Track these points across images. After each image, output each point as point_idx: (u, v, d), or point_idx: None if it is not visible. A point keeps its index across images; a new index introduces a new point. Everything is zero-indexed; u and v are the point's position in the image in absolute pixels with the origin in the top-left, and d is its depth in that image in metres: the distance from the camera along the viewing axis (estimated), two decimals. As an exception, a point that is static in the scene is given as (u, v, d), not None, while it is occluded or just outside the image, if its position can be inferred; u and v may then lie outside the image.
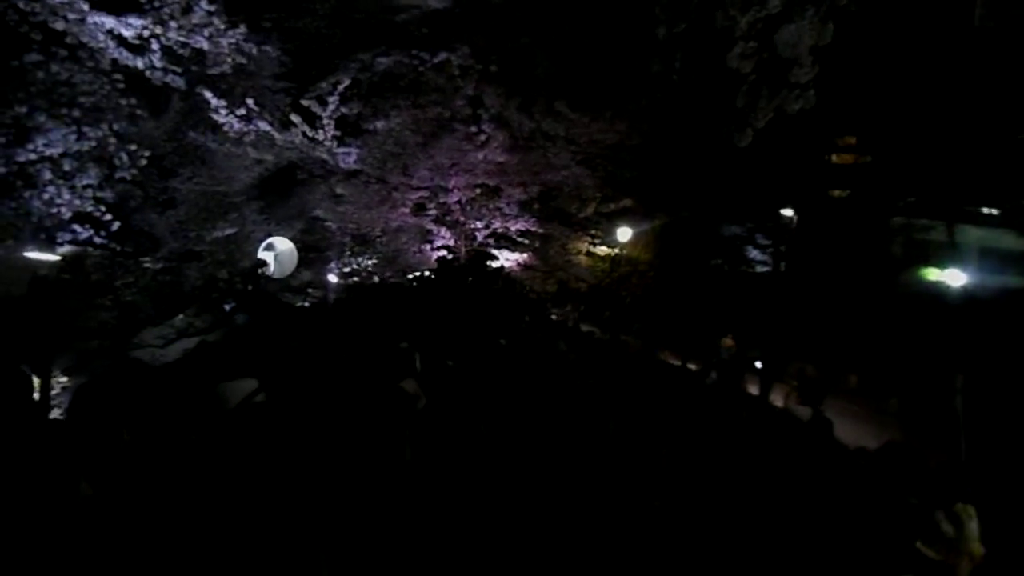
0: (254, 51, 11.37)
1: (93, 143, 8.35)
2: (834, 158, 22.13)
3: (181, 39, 7.85)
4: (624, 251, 18.10)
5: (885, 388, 16.29)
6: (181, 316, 13.93)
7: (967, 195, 18.90)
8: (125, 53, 7.78)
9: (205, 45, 8.06)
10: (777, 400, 8.25)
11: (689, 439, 4.78)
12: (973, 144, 16.77)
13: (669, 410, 5.86)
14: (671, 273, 19.45)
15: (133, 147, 8.92)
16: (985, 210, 19.71)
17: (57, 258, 6.79)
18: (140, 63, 7.99)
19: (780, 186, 18.60)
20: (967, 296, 17.37)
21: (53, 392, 12.40)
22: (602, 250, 16.42)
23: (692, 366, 10.42)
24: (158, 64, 8.08)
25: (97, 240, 8.81)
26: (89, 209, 8.64)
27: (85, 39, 7.27)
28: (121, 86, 8.55)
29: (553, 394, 4.88)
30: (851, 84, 15.63)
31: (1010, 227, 19.59)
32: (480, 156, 12.46)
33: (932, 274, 20.00)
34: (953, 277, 18.02)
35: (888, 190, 19.93)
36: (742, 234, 21.98)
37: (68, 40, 7.16)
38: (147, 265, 12.35)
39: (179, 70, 8.29)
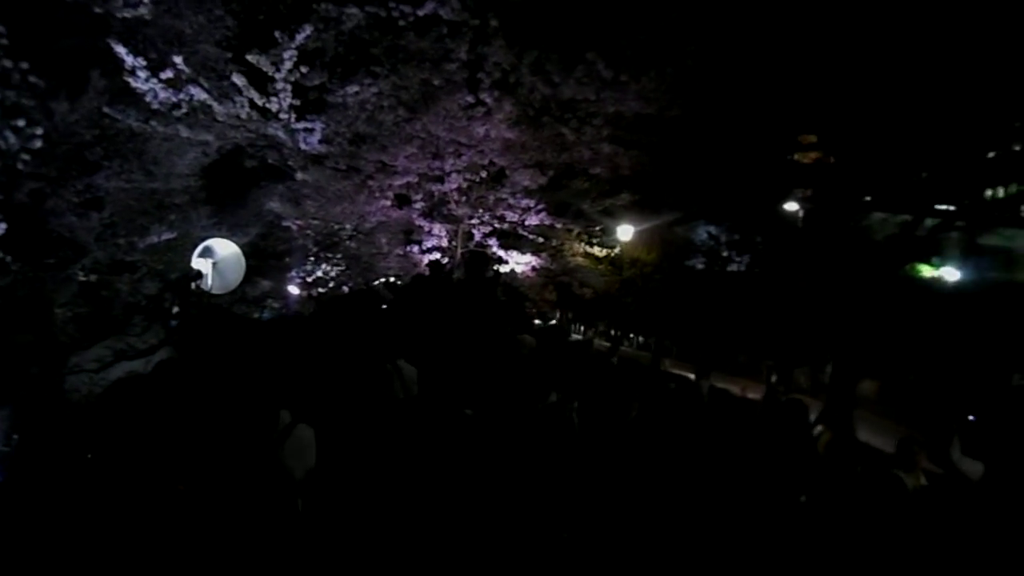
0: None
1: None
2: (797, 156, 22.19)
3: None
4: (624, 252, 16.54)
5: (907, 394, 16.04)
6: (117, 336, 12.21)
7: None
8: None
9: None
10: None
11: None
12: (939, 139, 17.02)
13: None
14: (679, 276, 18.02)
15: (21, 123, 6.76)
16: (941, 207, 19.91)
17: None
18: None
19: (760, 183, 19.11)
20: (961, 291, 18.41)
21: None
22: (599, 251, 14.37)
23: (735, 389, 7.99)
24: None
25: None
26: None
27: None
28: (4, 42, 6.47)
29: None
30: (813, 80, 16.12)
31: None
32: (481, 132, 10.13)
33: (926, 270, 20.52)
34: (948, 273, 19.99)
35: (856, 187, 20.11)
36: (718, 234, 22.15)
37: None
38: (72, 278, 10.48)
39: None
